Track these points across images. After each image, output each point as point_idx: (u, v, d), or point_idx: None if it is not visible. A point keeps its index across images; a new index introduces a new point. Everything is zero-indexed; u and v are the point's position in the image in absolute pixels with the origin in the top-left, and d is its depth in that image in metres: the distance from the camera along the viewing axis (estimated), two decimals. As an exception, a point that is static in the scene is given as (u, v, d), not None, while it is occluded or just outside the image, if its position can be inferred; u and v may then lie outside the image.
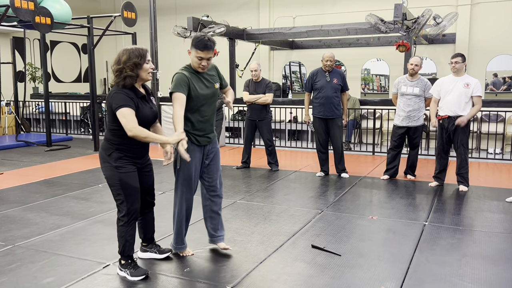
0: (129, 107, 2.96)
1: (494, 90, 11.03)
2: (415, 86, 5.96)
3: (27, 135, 10.58)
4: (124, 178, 3.08)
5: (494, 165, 7.32)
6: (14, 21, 7.87)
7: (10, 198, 5.31)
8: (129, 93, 3.01)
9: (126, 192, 3.11)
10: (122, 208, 3.15)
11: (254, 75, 6.73)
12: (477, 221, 4.46)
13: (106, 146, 3.12)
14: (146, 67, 3.03)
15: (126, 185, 3.09)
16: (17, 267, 3.39)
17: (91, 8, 13.94)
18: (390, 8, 8.07)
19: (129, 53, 3.01)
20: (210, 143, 3.53)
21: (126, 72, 2.98)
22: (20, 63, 11.33)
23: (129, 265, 3.21)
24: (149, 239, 3.52)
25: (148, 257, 3.52)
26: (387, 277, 3.18)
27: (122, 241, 3.19)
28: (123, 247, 3.20)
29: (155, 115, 3.23)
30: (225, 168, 6.97)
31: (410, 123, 6.02)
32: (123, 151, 3.09)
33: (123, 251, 3.21)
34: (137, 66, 3.00)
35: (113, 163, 3.07)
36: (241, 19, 11.48)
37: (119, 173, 3.07)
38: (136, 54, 3.00)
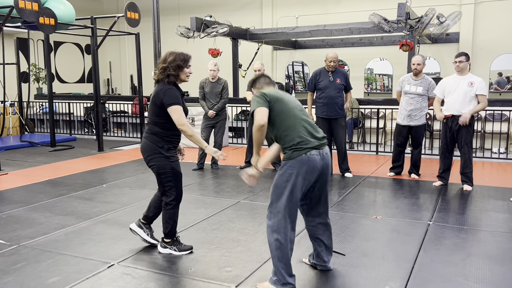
0: (179, 105, 3.40)
1: (498, 89, 11.00)
2: (419, 85, 5.95)
3: (31, 136, 10.62)
4: (175, 167, 3.51)
5: (498, 164, 7.30)
6: (18, 22, 7.90)
7: (14, 198, 5.34)
8: (176, 91, 3.45)
9: (176, 178, 3.51)
10: (171, 193, 3.52)
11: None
12: (481, 221, 4.45)
13: (155, 139, 3.48)
14: (186, 70, 3.47)
15: (176, 172, 3.51)
16: (22, 266, 3.40)
17: (95, 9, 13.98)
18: (393, 7, 8.06)
19: (175, 55, 3.44)
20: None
21: (169, 71, 3.41)
22: (24, 64, 11.37)
23: (175, 241, 3.60)
24: (150, 217, 3.74)
25: (138, 233, 3.74)
26: (392, 277, 3.18)
27: (171, 222, 3.55)
28: (171, 227, 3.56)
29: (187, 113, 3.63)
30: (228, 168, 6.98)
31: (411, 122, 6.02)
32: (171, 142, 3.51)
33: (170, 231, 3.57)
34: (179, 67, 3.43)
35: (166, 153, 3.46)
36: (244, 19, 11.49)
37: (171, 162, 3.48)
38: (181, 58, 3.44)
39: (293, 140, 2.95)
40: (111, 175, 6.58)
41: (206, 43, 10.25)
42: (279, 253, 2.91)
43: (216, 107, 6.73)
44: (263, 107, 2.97)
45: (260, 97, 3.02)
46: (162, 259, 3.54)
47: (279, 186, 2.97)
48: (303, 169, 2.93)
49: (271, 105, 3.00)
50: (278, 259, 2.92)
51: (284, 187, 2.94)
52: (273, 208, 2.98)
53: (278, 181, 2.98)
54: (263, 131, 2.96)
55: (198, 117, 8.61)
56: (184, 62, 3.44)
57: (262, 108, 2.97)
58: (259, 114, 2.95)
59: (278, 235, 2.92)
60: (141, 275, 3.26)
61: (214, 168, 6.92)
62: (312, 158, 2.95)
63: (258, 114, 2.95)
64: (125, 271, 3.32)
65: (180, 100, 3.45)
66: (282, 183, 2.95)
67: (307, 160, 2.94)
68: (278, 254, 2.92)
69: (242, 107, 9.89)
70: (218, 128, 6.84)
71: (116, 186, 5.87)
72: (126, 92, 15.32)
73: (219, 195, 5.41)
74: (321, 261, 3.28)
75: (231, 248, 3.71)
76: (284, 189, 2.94)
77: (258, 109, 2.97)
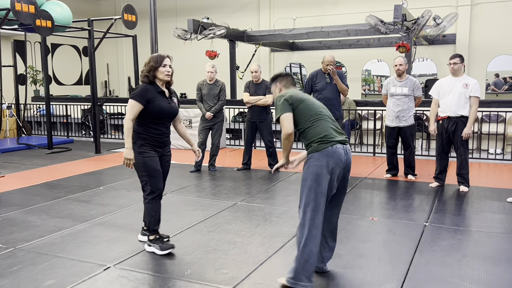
0: (137, 101, 3.52)
1: (495, 90, 11.03)
2: (404, 86, 6.00)
3: (28, 138, 10.61)
4: (147, 162, 3.58)
5: (494, 165, 7.32)
6: (15, 24, 7.90)
7: (11, 201, 5.33)
8: (149, 87, 3.58)
9: (149, 173, 3.60)
10: (146, 188, 3.65)
11: (255, 77, 6.75)
12: (477, 222, 4.46)
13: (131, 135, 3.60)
14: (161, 69, 3.61)
15: (149, 167, 3.59)
16: (18, 269, 3.40)
17: (92, 11, 13.98)
18: (390, 9, 8.07)
19: (150, 58, 3.66)
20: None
21: (144, 72, 3.63)
22: (21, 66, 11.36)
23: (157, 240, 3.66)
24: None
25: (144, 240, 3.85)
26: (388, 278, 3.19)
27: (148, 217, 3.67)
28: (148, 222, 3.68)
29: (173, 111, 3.72)
30: (225, 170, 6.98)
31: (400, 123, 6.06)
32: (145, 139, 3.59)
33: (149, 226, 3.68)
34: (153, 68, 3.60)
35: (138, 148, 3.57)
36: (241, 21, 11.51)
37: (143, 157, 3.57)
38: (154, 59, 3.62)
39: (319, 134, 3.02)
40: (108, 177, 6.57)
41: (203, 45, 10.26)
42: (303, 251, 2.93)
43: (214, 109, 6.73)
44: (288, 112, 3.06)
45: (283, 102, 3.09)
46: (158, 261, 3.54)
47: (306, 180, 2.98)
48: (330, 161, 2.96)
49: (294, 107, 3.08)
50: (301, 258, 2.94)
51: (312, 179, 2.95)
52: (302, 203, 3.00)
53: (306, 175, 3.00)
54: (291, 139, 3.06)
55: (195, 119, 8.62)
56: (157, 63, 3.60)
57: (287, 114, 3.05)
58: (286, 121, 3.04)
59: (309, 229, 2.93)
60: (137, 278, 3.26)
61: (211, 170, 6.93)
62: (337, 151, 3.00)
63: (285, 122, 3.04)
64: (121, 273, 3.32)
65: (143, 99, 3.52)
66: (309, 176, 2.97)
67: (332, 152, 2.98)
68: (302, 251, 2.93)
69: (240, 109, 9.90)
70: (216, 130, 6.84)
71: (113, 189, 5.87)
72: (124, 94, 15.31)
73: (216, 197, 5.41)
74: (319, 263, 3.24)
75: (227, 250, 3.72)
76: (312, 182, 2.94)
77: (284, 116, 3.05)
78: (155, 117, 3.59)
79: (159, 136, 3.64)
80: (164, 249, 3.61)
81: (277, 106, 3.12)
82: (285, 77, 3.39)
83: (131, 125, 3.53)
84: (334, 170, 2.98)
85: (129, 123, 3.52)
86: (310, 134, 3.04)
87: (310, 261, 2.93)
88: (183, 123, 3.99)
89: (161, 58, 3.62)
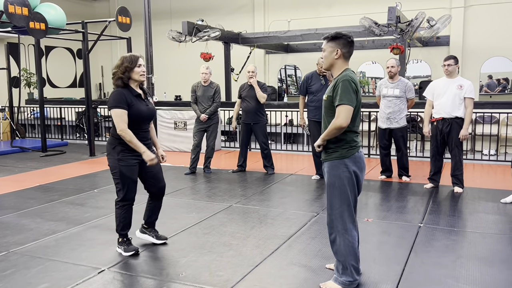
0: (121, 108, 3.44)
1: (488, 91, 11.09)
2: (396, 87, 6.03)
3: (22, 141, 10.55)
4: (123, 170, 3.52)
5: (489, 166, 7.35)
6: (8, 27, 7.87)
7: (5, 204, 5.29)
8: (124, 92, 3.48)
9: (123, 182, 3.55)
10: (119, 194, 3.62)
11: (249, 77, 6.72)
12: (472, 223, 4.48)
13: (111, 140, 3.58)
14: (136, 70, 3.51)
15: (124, 176, 3.53)
16: (12, 273, 3.37)
17: (86, 13, 13.94)
18: (384, 11, 8.10)
19: (123, 59, 3.53)
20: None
21: (118, 74, 3.51)
22: (15, 69, 11.30)
23: (124, 242, 3.69)
24: (150, 223, 3.90)
25: (145, 239, 3.90)
26: (382, 279, 3.19)
27: (117, 221, 3.67)
28: (117, 226, 3.68)
29: (151, 113, 3.65)
30: (220, 172, 6.97)
31: (391, 125, 6.08)
32: (124, 145, 3.50)
33: (117, 229, 3.69)
34: (127, 69, 3.49)
35: (116, 155, 3.52)
36: (236, 23, 11.51)
37: (120, 165, 3.52)
38: (127, 60, 3.50)
39: (351, 139, 2.91)
40: (103, 180, 6.55)
41: (198, 47, 10.25)
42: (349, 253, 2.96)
43: (209, 110, 6.72)
44: (351, 105, 2.79)
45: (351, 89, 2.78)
46: (153, 264, 3.53)
47: (336, 187, 2.92)
48: (357, 167, 2.94)
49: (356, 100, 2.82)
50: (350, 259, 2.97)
51: (342, 185, 2.90)
52: (334, 211, 2.96)
53: (335, 182, 2.92)
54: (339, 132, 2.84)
55: (190, 121, 8.61)
56: (131, 63, 3.49)
57: (350, 107, 2.78)
58: (347, 114, 2.78)
59: (346, 235, 2.95)
60: (132, 281, 3.25)
61: (206, 172, 6.91)
62: (362, 156, 2.99)
63: (347, 114, 2.77)
64: (115, 276, 3.31)
65: (123, 104, 3.43)
66: (340, 181, 2.91)
67: (359, 158, 2.96)
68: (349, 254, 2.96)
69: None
70: (211, 132, 6.83)
71: (107, 191, 5.85)
72: (118, 96, 15.26)
73: (211, 199, 5.40)
74: None
75: (222, 253, 3.71)
76: (343, 187, 2.91)
77: (347, 108, 2.77)
78: (134, 121, 3.49)
79: (140, 139, 3.52)
80: (128, 251, 3.64)
81: (343, 88, 2.78)
82: (349, 44, 2.92)
83: (131, 132, 3.43)
84: (358, 175, 2.99)
85: (128, 132, 3.42)
86: (343, 137, 2.88)
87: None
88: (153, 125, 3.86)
89: (136, 58, 3.51)
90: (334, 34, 2.93)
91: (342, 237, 2.96)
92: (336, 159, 2.91)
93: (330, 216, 2.99)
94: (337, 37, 2.90)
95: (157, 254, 3.71)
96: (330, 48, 2.91)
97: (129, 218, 3.68)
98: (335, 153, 2.92)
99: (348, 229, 2.96)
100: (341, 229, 2.96)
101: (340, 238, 2.97)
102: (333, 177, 2.93)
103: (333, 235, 3.01)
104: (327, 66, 2.98)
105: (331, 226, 3.01)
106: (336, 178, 2.92)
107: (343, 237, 2.96)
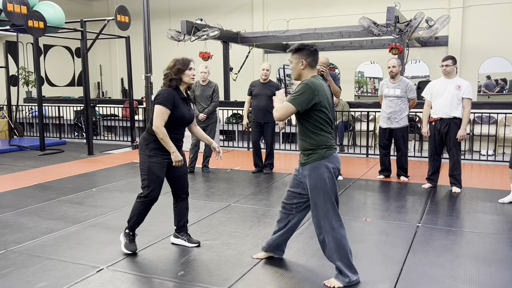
0: (166, 107, 3.50)
1: (486, 92, 11.11)
2: (397, 87, 6.03)
3: (20, 140, 10.53)
4: (152, 166, 3.56)
5: (486, 166, 7.37)
6: (7, 25, 7.85)
7: (3, 203, 5.28)
8: (174, 93, 3.56)
9: (150, 178, 3.58)
10: (144, 190, 3.62)
11: (264, 75, 6.65)
12: (469, 222, 4.49)
13: (146, 136, 3.63)
14: (187, 72, 3.61)
15: (152, 173, 3.57)
16: (10, 272, 3.37)
17: (85, 12, 13.91)
18: (382, 11, 8.11)
19: (176, 61, 3.63)
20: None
21: (171, 75, 3.59)
22: (13, 67, 11.28)
23: (128, 235, 3.70)
24: (182, 227, 3.86)
25: (179, 243, 3.85)
26: (381, 279, 3.20)
27: (132, 214, 3.68)
28: (130, 218, 3.68)
29: (192, 117, 3.74)
30: (219, 171, 6.97)
31: (391, 125, 6.09)
32: (158, 143, 3.55)
33: (129, 221, 3.69)
34: (179, 71, 3.59)
35: (148, 152, 3.58)
36: (235, 23, 11.50)
37: (150, 161, 3.57)
38: (180, 62, 3.61)
39: (327, 141, 3.02)
40: (101, 179, 6.54)
41: (196, 47, 10.24)
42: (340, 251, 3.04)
43: (207, 110, 6.72)
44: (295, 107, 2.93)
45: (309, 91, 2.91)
46: (152, 263, 3.53)
47: (319, 188, 3.01)
48: (335, 166, 3.04)
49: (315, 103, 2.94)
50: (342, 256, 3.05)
51: (325, 185, 3.00)
52: (320, 211, 3.04)
53: (317, 182, 3.01)
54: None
55: (188, 120, 8.59)
56: (184, 65, 3.59)
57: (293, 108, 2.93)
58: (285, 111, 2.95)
59: (334, 233, 3.03)
60: (130, 279, 3.25)
61: (205, 172, 6.91)
62: (337, 156, 3.09)
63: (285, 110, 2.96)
64: (114, 275, 3.31)
65: (169, 104, 3.51)
66: (321, 182, 3.00)
67: (336, 158, 3.07)
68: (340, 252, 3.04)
69: (233, 110, 9.89)
70: (209, 131, 6.83)
71: (106, 190, 5.84)
72: (117, 95, 15.25)
73: (210, 198, 5.40)
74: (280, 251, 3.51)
75: (221, 252, 3.71)
76: (326, 187, 3.00)
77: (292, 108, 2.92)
78: (176, 124, 3.57)
79: (174, 142, 3.59)
80: (127, 248, 3.65)
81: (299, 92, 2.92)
82: (313, 53, 3.02)
83: (165, 130, 3.49)
84: (336, 174, 3.08)
85: (163, 130, 3.47)
86: (319, 139, 2.99)
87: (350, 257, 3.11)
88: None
89: (188, 61, 3.62)
90: (298, 46, 3.06)
91: (330, 235, 3.04)
92: (315, 160, 3.01)
93: (317, 217, 3.06)
94: (300, 49, 3.03)
95: (156, 253, 3.71)
96: (296, 60, 3.03)
97: (143, 215, 3.69)
98: (315, 155, 3.01)
99: (335, 227, 3.04)
100: (328, 228, 3.03)
101: (329, 237, 3.04)
102: (315, 179, 3.01)
103: (321, 235, 3.08)
104: (296, 76, 3.11)
105: (318, 226, 3.08)
106: (318, 179, 3.00)
107: (331, 236, 3.03)
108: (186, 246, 3.81)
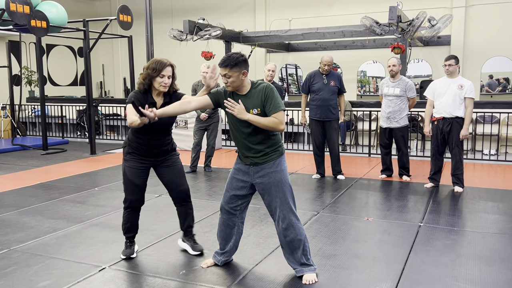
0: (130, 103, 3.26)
1: (489, 91, 11.08)
2: (396, 87, 6.03)
3: (23, 139, 10.57)
4: (126, 171, 3.50)
5: (489, 166, 7.36)
6: (9, 25, 7.87)
7: (5, 202, 5.30)
8: (139, 97, 3.34)
9: (125, 183, 3.54)
10: (124, 195, 3.57)
11: (270, 76, 6.62)
12: (472, 222, 4.48)
13: (125, 141, 3.58)
14: (158, 80, 3.32)
15: (126, 177, 3.51)
16: (13, 271, 3.38)
17: (87, 12, 13.94)
18: (385, 10, 8.10)
19: (150, 63, 3.35)
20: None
21: (140, 79, 3.40)
22: (16, 67, 11.30)
23: (125, 243, 3.66)
24: (185, 231, 3.74)
25: (183, 248, 3.76)
26: (382, 278, 3.20)
27: (122, 222, 3.64)
28: (122, 226, 3.65)
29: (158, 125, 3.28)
30: (221, 171, 6.98)
31: (391, 124, 6.09)
32: (132, 148, 3.49)
33: (122, 229, 3.65)
34: (149, 76, 3.34)
35: (124, 156, 3.54)
36: (237, 22, 11.50)
37: (125, 166, 3.52)
38: (152, 67, 3.32)
39: (279, 138, 3.22)
40: (104, 178, 6.56)
41: (199, 46, 10.24)
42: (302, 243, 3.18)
43: (209, 109, 6.73)
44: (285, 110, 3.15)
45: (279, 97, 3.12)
46: (153, 262, 3.53)
47: (283, 182, 3.15)
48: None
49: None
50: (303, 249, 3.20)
51: (287, 178, 3.18)
52: (285, 205, 3.15)
53: (281, 177, 3.15)
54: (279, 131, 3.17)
55: (191, 119, 8.62)
56: (154, 71, 3.29)
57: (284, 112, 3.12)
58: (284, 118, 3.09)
59: (299, 223, 3.18)
60: (133, 279, 3.26)
61: (207, 171, 6.92)
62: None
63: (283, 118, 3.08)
64: (116, 274, 3.32)
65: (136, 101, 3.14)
66: (284, 176, 3.16)
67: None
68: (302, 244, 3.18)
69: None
70: (211, 131, 6.84)
71: (108, 189, 5.86)
72: (119, 95, 15.27)
73: (212, 198, 5.41)
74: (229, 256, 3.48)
75: (223, 251, 3.71)
76: (288, 180, 3.18)
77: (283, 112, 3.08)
78: (141, 129, 3.26)
79: (148, 147, 3.43)
80: (122, 254, 3.60)
81: (276, 97, 3.05)
82: (246, 61, 3.08)
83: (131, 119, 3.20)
84: None
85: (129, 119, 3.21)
86: (277, 138, 3.19)
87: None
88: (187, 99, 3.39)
89: (161, 67, 3.30)
90: (233, 60, 2.98)
91: (296, 226, 3.16)
92: (277, 157, 3.16)
93: (283, 212, 3.15)
94: (237, 63, 2.98)
95: (158, 253, 3.72)
96: (236, 73, 3.00)
97: (131, 222, 3.58)
98: (276, 153, 3.16)
99: (298, 218, 3.20)
100: (294, 220, 3.16)
101: (295, 228, 3.15)
102: (279, 173, 3.13)
103: (289, 229, 3.15)
104: (236, 87, 3.07)
105: (284, 220, 3.15)
106: (281, 173, 3.14)
107: (297, 226, 3.16)
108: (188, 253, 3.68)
